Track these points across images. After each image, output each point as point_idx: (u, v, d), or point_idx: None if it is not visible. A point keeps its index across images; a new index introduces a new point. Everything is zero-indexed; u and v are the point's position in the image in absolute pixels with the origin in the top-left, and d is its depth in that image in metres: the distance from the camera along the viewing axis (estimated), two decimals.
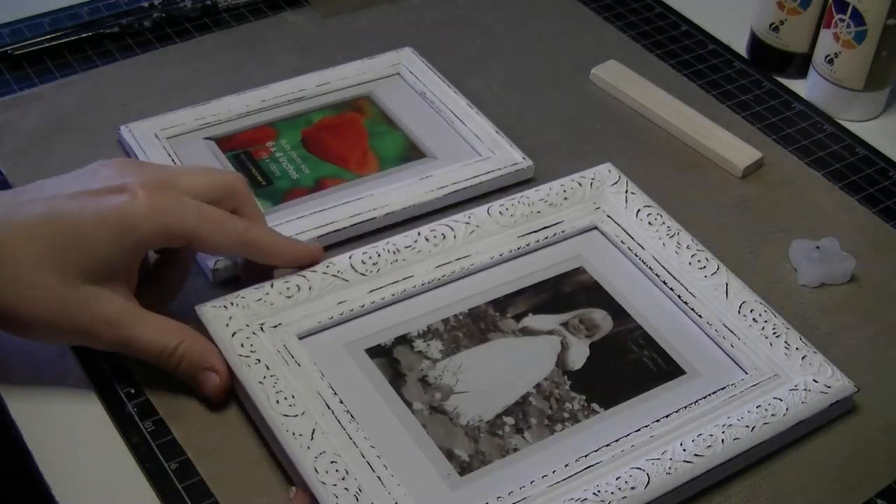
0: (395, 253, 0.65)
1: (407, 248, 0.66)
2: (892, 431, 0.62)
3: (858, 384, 0.62)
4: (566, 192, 0.70)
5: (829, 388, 0.60)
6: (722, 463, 0.57)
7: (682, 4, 0.94)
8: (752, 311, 0.64)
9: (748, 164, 0.77)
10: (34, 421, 0.59)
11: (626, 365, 0.63)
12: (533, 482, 0.55)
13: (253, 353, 0.59)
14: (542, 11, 0.92)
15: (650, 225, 0.69)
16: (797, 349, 0.62)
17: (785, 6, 0.84)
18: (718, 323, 0.64)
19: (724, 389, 0.61)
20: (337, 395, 0.58)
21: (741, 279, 0.66)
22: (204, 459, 0.57)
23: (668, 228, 0.69)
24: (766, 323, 0.64)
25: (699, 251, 0.68)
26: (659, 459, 0.56)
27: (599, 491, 0.54)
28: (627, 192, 0.71)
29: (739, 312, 0.64)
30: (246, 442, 0.58)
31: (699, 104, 0.82)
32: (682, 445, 0.57)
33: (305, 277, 0.63)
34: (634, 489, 0.54)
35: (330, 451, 0.55)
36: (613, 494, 0.54)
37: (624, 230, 0.69)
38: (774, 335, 0.63)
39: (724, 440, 0.57)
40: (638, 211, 0.70)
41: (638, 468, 0.56)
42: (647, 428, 0.58)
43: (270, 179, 0.73)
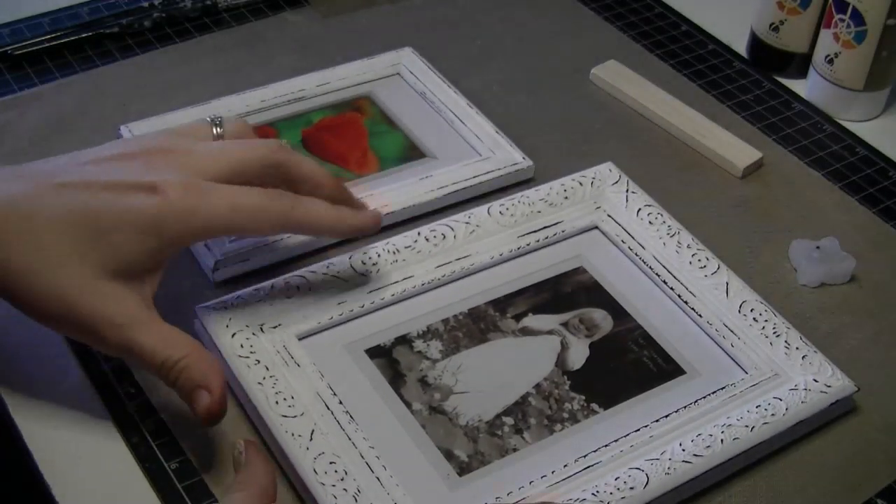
0: (394, 253, 0.65)
1: (407, 248, 0.66)
2: (892, 431, 0.62)
3: (858, 384, 0.62)
4: (566, 191, 0.70)
5: (829, 387, 0.60)
6: (721, 463, 0.57)
7: (682, 4, 0.94)
8: (752, 310, 0.64)
9: (748, 164, 0.77)
10: (34, 421, 0.59)
11: (625, 365, 0.63)
12: (532, 482, 0.55)
13: (252, 353, 0.59)
14: (542, 11, 0.92)
15: (651, 224, 0.69)
16: (797, 349, 0.62)
17: (785, 6, 0.84)
18: (719, 322, 0.64)
19: (723, 389, 0.61)
20: (336, 395, 0.58)
21: (741, 279, 0.66)
22: (204, 459, 0.57)
23: (668, 228, 0.69)
24: (766, 322, 0.64)
25: (699, 250, 0.67)
26: (658, 460, 0.56)
27: (598, 491, 0.54)
28: (628, 191, 0.71)
29: (740, 312, 0.64)
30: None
31: (699, 104, 0.82)
32: (681, 445, 0.57)
33: (305, 278, 0.63)
34: (633, 489, 0.54)
35: (329, 451, 0.55)
36: (612, 495, 0.54)
37: (624, 229, 0.69)
38: (775, 334, 0.63)
39: (723, 440, 0.57)
40: (638, 210, 0.70)
41: (637, 468, 0.56)
42: (646, 428, 0.58)
43: None
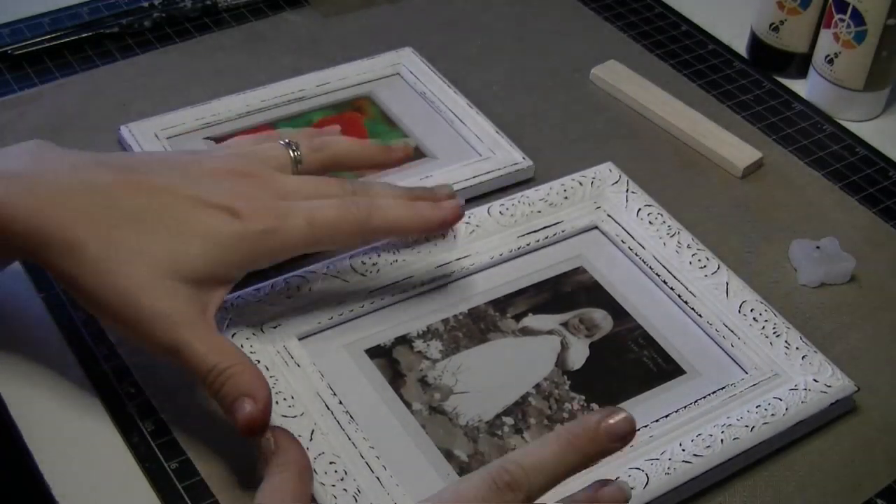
0: (394, 253, 0.65)
1: (406, 248, 0.66)
2: (892, 431, 0.62)
3: (858, 384, 0.62)
4: (566, 191, 0.70)
5: (829, 387, 0.60)
6: (721, 463, 0.57)
7: (682, 4, 0.94)
8: (752, 310, 0.64)
9: (748, 164, 0.77)
10: (34, 421, 0.59)
11: (625, 365, 0.63)
12: None
13: (252, 353, 0.59)
14: (542, 11, 0.92)
15: (650, 224, 0.69)
16: (797, 348, 0.62)
17: (785, 6, 0.84)
18: (719, 322, 0.64)
19: (723, 389, 0.61)
20: (336, 395, 0.58)
21: (741, 279, 0.66)
22: (204, 459, 0.57)
23: (668, 228, 0.69)
24: (766, 322, 0.64)
25: (699, 250, 0.67)
26: (658, 460, 0.56)
27: None
28: (628, 191, 0.71)
29: (740, 312, 0.64)
30: (246, 442, 0.58)
31: (699, 104, 0.82)
32: (681, 445, 0.57)
33: (305, 278, 0.63)
34: (633, 489, 0.54)
35: (329, 451, 0.55)
36: None
37: (624, 229, 0.69)
38: (775, 334, 0.63)
39: (723, 440, 0.57)
40: (638, 210, 0.70)
41: (637, 468, 0.56)
42: (646, 428, 0.58)
43: None
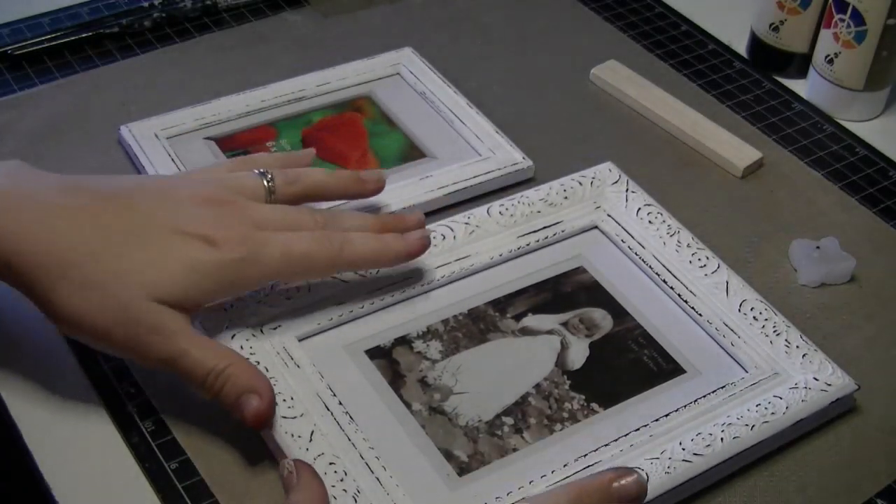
0: None
1: None
2: (892, 431, 0.62)
3: (859, 383, 0.62)
4: (566, 191, 0.70)
5: (829, 385, 0.60)
6: (721, 462, 0.57)
7: (682, 4, 0.94)
8: (752, 308, 0.64)
9: (748, 164, 0.77)
10: (34, 421, 0.59)
11: (625, 364, 0.63)
12: (531, 482, 0.55)
13: (252, 354, 0.59)
14: (541, 11, 0.92)
15: (650, 223, 0.69)
16: (797, 347, 0.62)
17: (785, 6, 0.84)
18: (719, 321, 0.64)
19: (723, 388, 0.61)
20: (336, 396, 0.58)
21: (741, 278, 0.66)
22: (204, 459, 0.57)
23: (668, 227, 0.69)
24: (766, 321, 0.64)
25: (699, 249, 0.67)
26: (658, 459, 0.56)
27: None
28: (628, 190, 0.71)
29: (740, 311, 0.64)
30: (246, 442, 0.58)
31: (699, 104, 0.82)
32: (681, 444, 0.57)
33: None
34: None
35: (329, 452, 0.55)
36: None
37: (624, 229, 0.69)
38: (775, 333, 0.63)
39: (723, 439, 0.57)
40: (638, 210, 0.70)
41: (636, 468, 0.55)
42: (646, 427, 0.58)
43: None
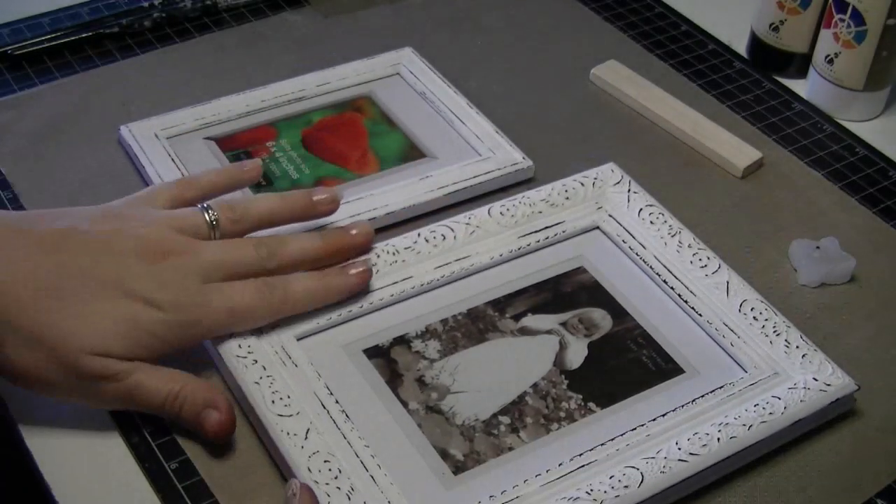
0: (394, 254, 0.65)
1: (406, 249, 0.66)
2: (892, 431, 0.62)
3: (858, 383, 0.61)
4: (568, 191, 0.70)
5: (829, 385, 0.60)
6: (717, 462, 0.57)
7: (682, 4, 0.94)
8: (752, 309, 0.64)
9: (748, 164, 0.77)
10: (34, 421, 0.59)
11: (624, 364, 0.63)
12: (526, 481, 0.55)
13: (250, 353, 0.59)
14: (541, 11, 0.92)
15: (652, 224, 0.69)
16: (797, 347, 0.62)
17: (785, 6, 0.84)
18: (718, 321, 0.64)
19: (722, 388, 0.61)
20: (333, 395, 0.58)
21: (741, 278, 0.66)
22: (204, 459, 0.57)
23: (669, 227, 0.69)
24: (766, 321, 0.64)
25: (700, 249, 0.67)
26: (654, 458, 0.56)
27: (592, 490, 0.54)
28: (630, 191, 0.71)
29: (740, 311, 0.64)
30: (246, 442, 0.58)
31: (699, 104, 0.82)
32: (677, 444, 0.57)
33: None
34: (628, 488, 0.54)
35: (324, 450, 0.55)
36: (606, 493, 0.54)
37: (625, 229, 0.69)
38: (775, 333, 0.63)
39: (720, 439, 0.57)
40: (640, 210, 0.70)
41: (632, 467, 0.55)
42: (643, 427, 0.58)
43: (270, 179, 0.73)
